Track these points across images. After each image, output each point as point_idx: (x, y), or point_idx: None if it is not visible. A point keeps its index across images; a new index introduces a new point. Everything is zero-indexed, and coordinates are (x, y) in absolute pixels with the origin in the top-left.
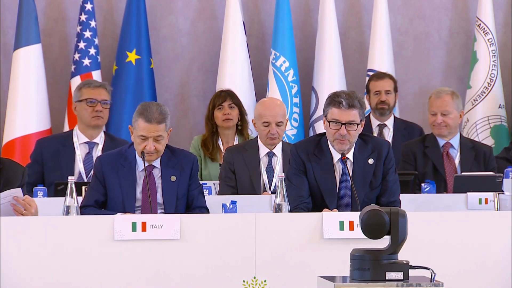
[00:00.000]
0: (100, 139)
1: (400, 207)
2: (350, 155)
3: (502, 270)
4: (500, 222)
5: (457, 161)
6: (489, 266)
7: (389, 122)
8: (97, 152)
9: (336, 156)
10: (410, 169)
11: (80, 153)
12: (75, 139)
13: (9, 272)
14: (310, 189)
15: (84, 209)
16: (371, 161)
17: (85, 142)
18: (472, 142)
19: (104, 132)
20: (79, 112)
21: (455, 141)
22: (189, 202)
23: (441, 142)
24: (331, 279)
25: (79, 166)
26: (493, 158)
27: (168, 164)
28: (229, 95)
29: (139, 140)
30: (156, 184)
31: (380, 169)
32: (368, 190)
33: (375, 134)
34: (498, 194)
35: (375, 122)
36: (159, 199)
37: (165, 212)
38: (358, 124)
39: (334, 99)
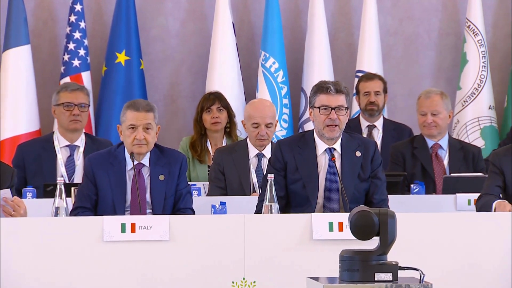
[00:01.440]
0: (81, 141)
1: (388, 205)
2: (337, 146)
3: (491, 271)
4: (490, 223)
5: (445, 162)
6: (478, 267)
7: (379, 123)
8: (79, 155)
9: (321, 147)
10: (399, 170)
11: (61, 156)
12: (56, 142)
13: None
14: (293, 183)
15: (78, 212)
16: (358, 153)
17: (66, 146)
18: (461, 143)
19: (85, 133)
20: (57, 116)
21: (444, 142)
22: (176, 202)
23: (430, 143)
24: (320, 280)
25: (61, 170)
26: (482, 159)
27: (157, 163)
28: (217, 98)
29: (129, 132)
30: (145, 183)
31: (367, 164)
32: (357, 181)
33: (365, 135)
34: None
35: (364, 123)
36: (148, 198)
37: (153, 212)
38: (346, 109)
39: (321, 86)
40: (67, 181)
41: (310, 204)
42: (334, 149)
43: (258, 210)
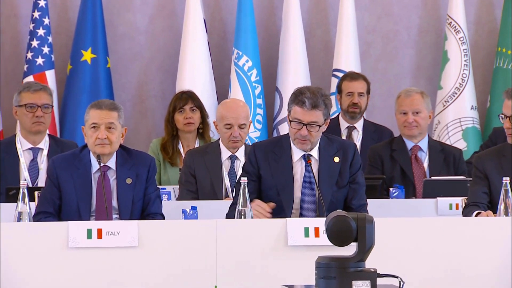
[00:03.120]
0: (44, 144)
1: (367, 210)
2: (314, 153)
3: (474, 278)
4: (472, 228)
5: (425, 164)
6: (460, 274)
7: (359, 125)
8: (42, 158)
9: (298, 154)
10: (377, 173)
11: (24, 160)
12: (18, 145)
13: None
14: (267, 190)
15: (40, 217)
16: (336, 159)
17: (29, 149)
18: (441, 144)
19: (49, 135)
20: (20, 118)
21: (424, 144)
22: (144, 206)
23: (409, 144)
24: None
25: (24, 174)
26: (463, 161)
27: (124, 166)
28: (190, 98)
29: (91, 131)
30: (111, 186)
31: (346, 170)
32: (335, 189)
33: (344, 137)
34: (466, 199)
35: (344, 124)
36: (114, 203)
37: (120, 218)
38: (320, 126)
39: (297, 97)
40: (30, 185)
41: (285, 213)
42: (311, 155)
43: (231, 215)
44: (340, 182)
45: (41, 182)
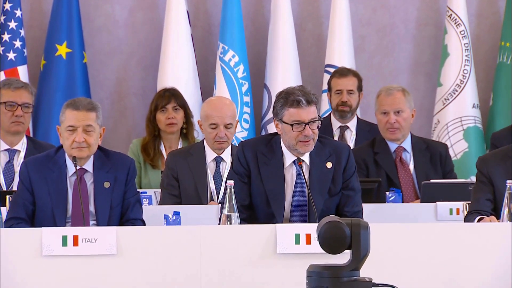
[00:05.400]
0: (22, 145)
1: (362, 218)
2: (306, 158)
3: (474, 286)
4: (474, 235)
5: (411, 166)
6: (460, 283)
7: (352, 124)
8: (19, 160)
9: (290, 158)
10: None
11: None
12: None
13: None
14: (257, 196)
15: (12, 223)
16: (329, 165)
17: (5, 150)
18: (425, 141)
19: (27, 137)
20: None
21: (407, 144)
22: (123, 212)
23: (392, 146)
24: None
25: None
26: (450, 158)
27: (102, 168)
28: (173, 96)
29: (68, 134)
30: (88, 191)
31: (339, 175)
32: (327, 197)
33: (336, 137)
34: (468, 204)
35: (336, 124)
36: (91, 208)
37: (97, 224)
38: (319, 121)
39: (289, 99)
40: (5, 189)
41: (276, 221)
42: (303, 160)
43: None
44: (332, 189)
45: (16, 186)
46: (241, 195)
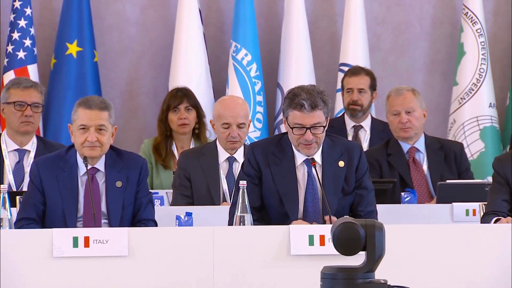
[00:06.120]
0: (32, 145)
1: (377, 217)
2: (317, 157)
3: None
4: (490, 236)
5: (425, 167)
6: (477, 285)
7: (366, 123)
8: (29, 160)
9: (300, 157)
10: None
11: (9, 162)
12: (3, 146)
13: None
14: (269, 196)
15: (22, 224)
16: (341, 163)
17: (14, 150)
18: (440, 141)
19: (37, 136)
20: (7, 116)
21: (421, 144)
22: (135, 212)
23: (405, 147)
24: None
25: (9, 177)
26: (466, 156)
27: (114, 168)
28: (185, 96)
29: (79, 133)
30: (99, 190)
31: (352, 174)
32: (341, 196)
33: (350, 137)
34: (484, 204)
35: (349, 123)
36: (103, 207)
37: (109, 223)
38: (324, 126)
39: (293, 101)
40: (15, 190)
41: (290, 221)
42: (314, 159)
43: (230, 222)
44: (346, 188)
45: (27, 186)
46: (252, 197)
